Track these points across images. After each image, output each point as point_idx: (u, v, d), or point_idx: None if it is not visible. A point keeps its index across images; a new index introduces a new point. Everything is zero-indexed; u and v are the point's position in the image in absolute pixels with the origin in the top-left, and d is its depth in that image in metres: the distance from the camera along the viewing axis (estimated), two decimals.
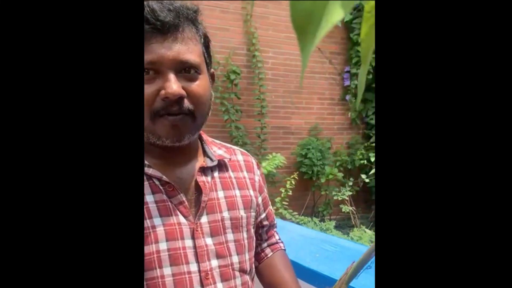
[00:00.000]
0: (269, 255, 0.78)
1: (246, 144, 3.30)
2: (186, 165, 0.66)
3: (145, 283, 0.57)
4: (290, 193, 2.88)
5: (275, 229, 0.83)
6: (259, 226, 0.77)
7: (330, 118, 3.95)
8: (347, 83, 3.91)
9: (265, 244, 0.80)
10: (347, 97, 3.93)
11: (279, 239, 0.82)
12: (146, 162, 0.62)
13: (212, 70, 0.68)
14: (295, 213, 2.99)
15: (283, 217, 2.90)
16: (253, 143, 3.40)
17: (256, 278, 0.77)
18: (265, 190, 0.79)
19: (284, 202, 2.90)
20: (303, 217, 3.01)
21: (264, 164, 2.86)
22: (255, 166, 0.77)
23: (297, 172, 3.28)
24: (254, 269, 0.72)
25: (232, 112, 3.30)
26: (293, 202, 3.41)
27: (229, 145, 0.77)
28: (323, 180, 3.49)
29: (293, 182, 2.90)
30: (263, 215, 0.77)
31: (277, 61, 3.67)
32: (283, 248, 0.81)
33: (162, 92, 0.57)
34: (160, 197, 0.61)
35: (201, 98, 0.61)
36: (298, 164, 3.58)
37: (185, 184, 0.64)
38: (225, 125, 3.34)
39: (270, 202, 0.81)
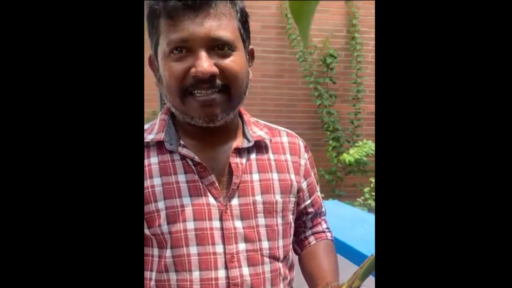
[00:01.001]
0: (312, 243, 0.75)
1: (337, 130, 3.21)
2: (222, 146, 0.65)
3: (172, 260, 0.60)
4: None
5: (323, 218, 0.78)
6: (303, 213, 0.74)
7: None
8: None
9: (309, 232, 0.76)
10: None
11: (327, 228, 0.78)
12: (181, 142, 0.63)
13: (251, 47, 0.65)
14: None
15: (371, 209, 2.77)
16: (345, 129, 3.29)
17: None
18: (313, 175, 0.75)
19: (373, 193, 2.76)
20: None
21: (351, 151, 2.74)
22: (302, 149, 0.73)
23: None
24: (291, 257, 0.69)
25: (325, 97, 3.23)
26: None
27: (275, 126, 0.74)
28: None
29: None
30: (308, 202, 0.73)
31: None
32: (329, 238, 0.77)
33: (193, 70, 0.56)
34: (192, 177, 0.61)
35: (235, 74, 0.58)
36: None
37: (218, 165, 0.63)
38: (317, 111, 3.30)
39: (318, 188, 0.77)
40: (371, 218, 1.68)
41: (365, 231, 1.31)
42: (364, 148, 2.70)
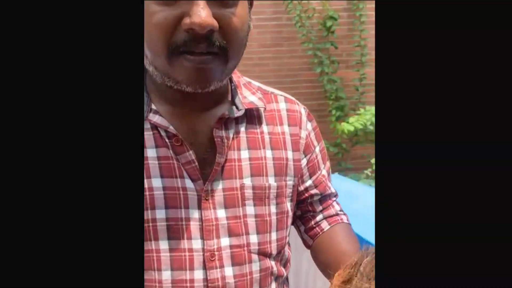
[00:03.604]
0: (325, 230, 0.62)
1: (341, 98, 3.01)
2: (205, 114, 0.52)
3: None
4: None
5: (333, 199, 0.65)
6: (306, 197, 0.61)
7: None
8: None
9: (320, 217, 0.63)
10: None
11: (341, 210, 0.65)
12: (153, 106, 0.50)
13: None
14: None
15: None
16: (349, 97, 3.08)
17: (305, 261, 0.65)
18: (319, 150, 0.62)
19: None
20: None
21: (351, 120, 2.53)
22: (304, 118, 0.60)
23: None
24: (286, 252, 0.60)
25: (326, 63, 3.01)
26: None
27: (271, 90, 0.60)
28: None
29: None
30: (309, 183, 0.61)
31: None
32: (346, 221, 0.64)
33: (186, 20, 0.43)
34: (164, 153, 0.50)
35: (237, 33, 0.46)
36: None
37: (199, 139, 0.51)
38: (318, 79, 3.10)
39: (324, 166, 0.63)
40: (369, 192, 1.55)
41: (359, 208, 1.20)
42: (365, 116, 2.48)
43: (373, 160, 2.65)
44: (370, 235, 0.93)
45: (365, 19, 3.06)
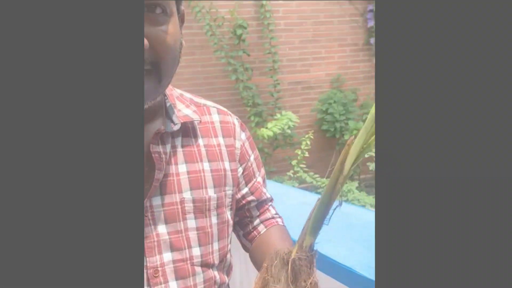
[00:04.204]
0: (262, 232, 0.64)
1: (258, 104, 3.05)
2: None
3: None
4: (306, 154, 2.64)
5: (269, 204, 0.68)
6: (244, 204, 0.63)
7: (355, 67, 3.56)
8: (371, 23, 3.45)
9: (257, 221, 0.65)
10: (372, 40, 3.49)
11: (276, 213, 0.68)
12: None
13: (182, 8, 0.53)
14: (317, 175, 2.76)
15: (302, 181, 2.69)
16: (266, 103, 3.14)
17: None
18: (253, 158, 0.64)
19: (301, 165, 2.68)
20: (326, 179, 2.78)
21: (270, 125, 2.59)
22: (238, 129, 0.62)
23: (313, 131, 3.01)
24: (228, 259, 0.61)
25: (240, 71, 3.03)
26: (317, 164, 3.18)
27: (203, 102, 0.62)
28: (347, 137, 3.18)
29: (309, 143, 2.64)
30: (245, 190, 0.63)
31: (289, 8, 3.28)
32: (281, 223, 0.67)
33: None
34: None
35: (169, 50, 0.47)
36: (319, 122, 3.29)
37: None
38: (234, 86, 3.10)
39: (258, 173, 0.65)
40: (292, 193, 1.56)
41: (284, 208, 1.21)
42: (282, 121, 2.56)
43: (293, 162, 2.74)
44: (294, 233, 0.94)
45: (273, 27, 3.17)
